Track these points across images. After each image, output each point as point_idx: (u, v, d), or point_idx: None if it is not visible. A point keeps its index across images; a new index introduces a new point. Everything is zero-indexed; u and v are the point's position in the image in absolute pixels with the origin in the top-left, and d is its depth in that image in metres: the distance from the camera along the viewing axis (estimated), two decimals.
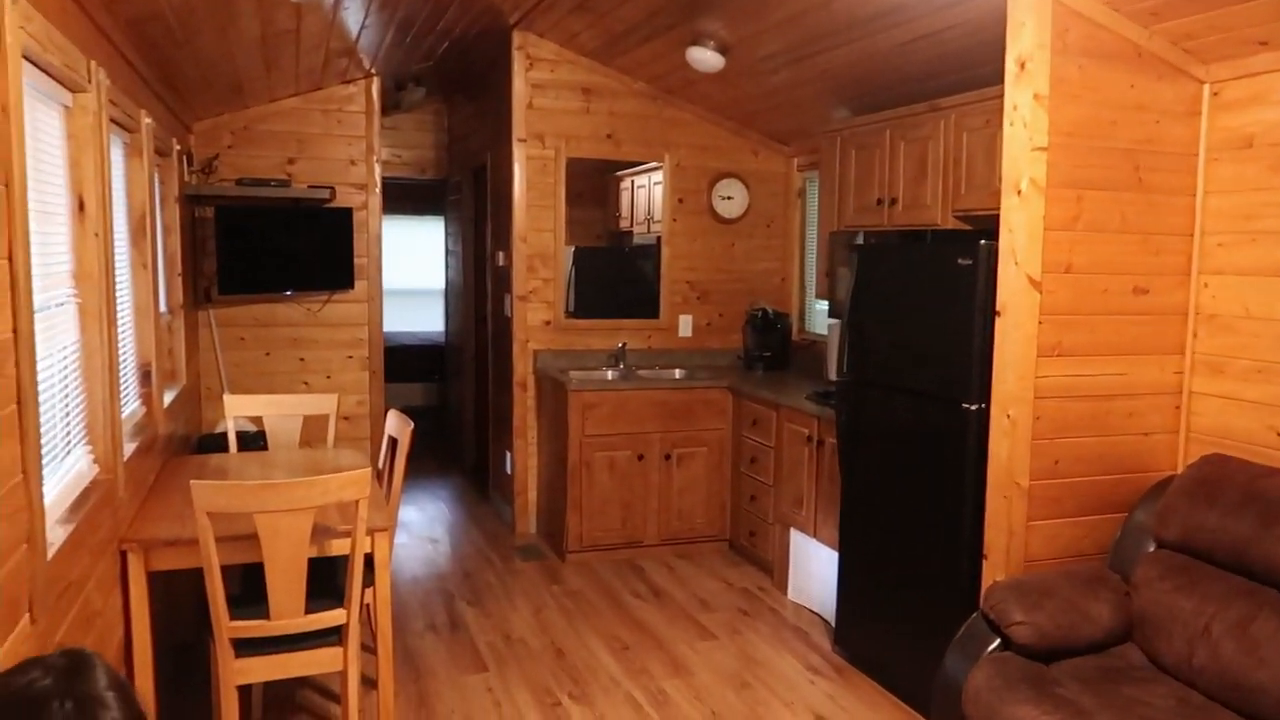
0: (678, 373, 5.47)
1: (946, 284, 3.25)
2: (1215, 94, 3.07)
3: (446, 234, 8.03)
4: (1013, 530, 3.04)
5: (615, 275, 5.85)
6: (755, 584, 4.70)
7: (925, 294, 3.36)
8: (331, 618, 2.84)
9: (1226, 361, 3.09)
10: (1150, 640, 2.79)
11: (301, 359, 5.48)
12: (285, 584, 2.74)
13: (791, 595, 4.48)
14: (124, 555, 2.74)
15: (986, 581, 3.12)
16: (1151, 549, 2.96)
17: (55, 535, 2.20)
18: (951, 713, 2.78)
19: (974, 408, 3.13)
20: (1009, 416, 3.02)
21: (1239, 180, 3.02)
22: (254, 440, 4.41)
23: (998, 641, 2.80)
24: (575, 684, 3.57)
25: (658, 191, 5.63)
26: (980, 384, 3.12)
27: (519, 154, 5.31)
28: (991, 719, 2.58)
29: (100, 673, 1.17)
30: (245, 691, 3.16)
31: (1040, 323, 2.97)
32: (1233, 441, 3.06)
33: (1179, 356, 3.20)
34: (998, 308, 3.03)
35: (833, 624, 3.98)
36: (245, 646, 2.77)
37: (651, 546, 5.08)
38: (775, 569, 4.66)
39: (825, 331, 5.22)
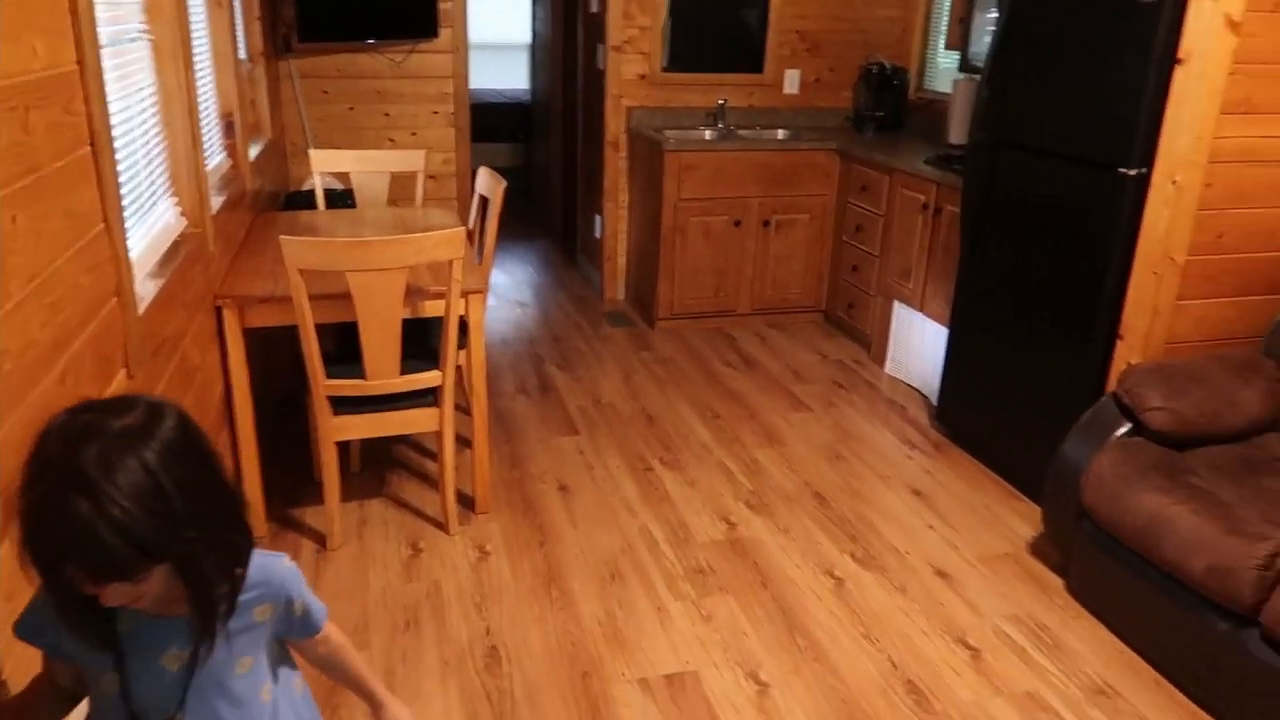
0: (781, 133, 5.07)
1: (1119, 27, 2.78)
2: None
3: None
4: (1158, 310, 2.76)
5: (717, 24, 5.31)
6: (851, 357, 4.54)
7: (1090, 40, 2.89)
8: (427, 379, 2.78)
9: None
10: None
11: (387, 114, 5.23)
12: (380, 344, 2.66)
13: (889, 370, 4.32)
14: (219, 311, 2.68)
15: (1119, 364, 2.88)
16: None
17: (146, 289, 2.12)
18: (1067, 496, 2.65)
19: (1133, 173, 2.76)
20: (1175, 183, 2.65)
21: None
22: (341, 198, 4.28)
23: (1128, 426, 2.61)
24: (666, 450, 3.54)
25: None
26: (1144, 147, 2.73)
27: None
28: (1115, 504, 2.43)
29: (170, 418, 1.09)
30: (344, 446, 3.20)
31: (1231, 73, 2.53)
32: None
33: None
34: (1180, 55, 2.60)
35: (933, 400, 3.83)
36: (342, 405, 2.75)
37: (744, 316, 4.92)
38: (874, 342, 4.48)
39: (948, 89, 4.71)
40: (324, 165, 4.00)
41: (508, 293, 5.49)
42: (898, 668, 2.41)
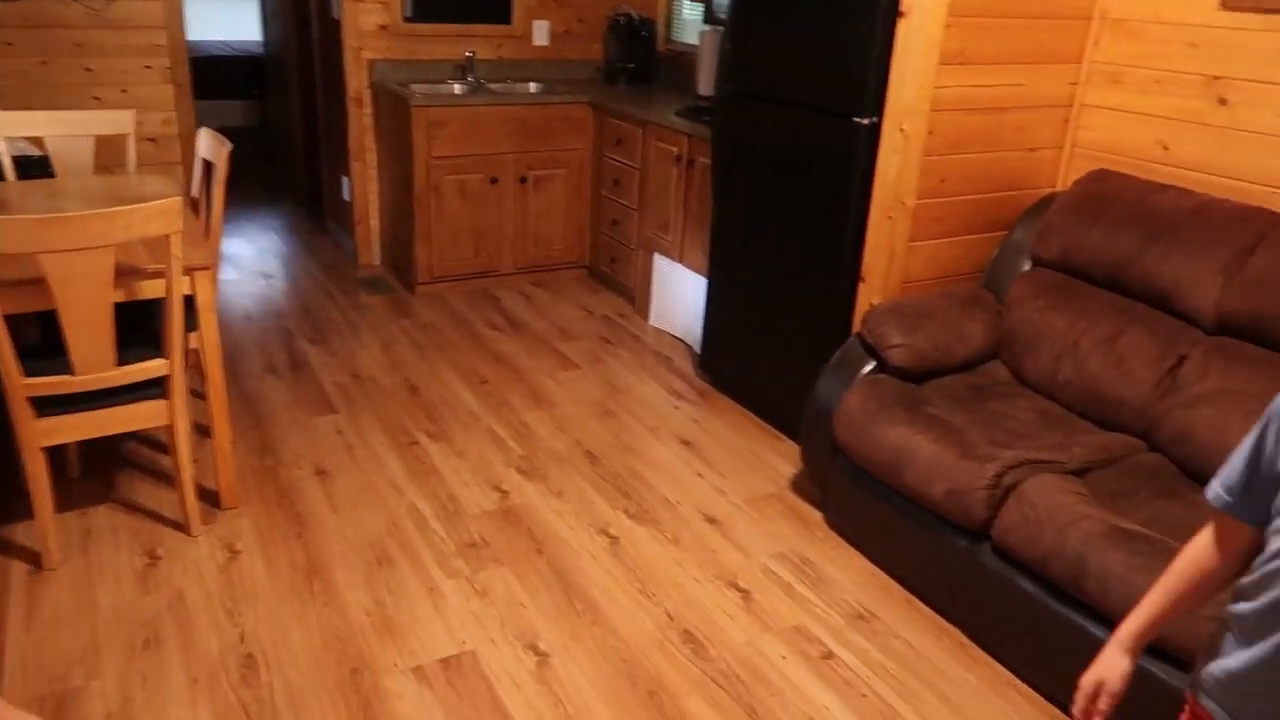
0: (533, 86, 4.95)
1: None
2: None
3: None
4: (894, 252, 2.92)
5: None
6: (616, 311, 4.55)
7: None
8: (149, 369, 2.48)
9: (1125, 71, 2.92)
10: (1017, 357, 2.79)
11: (89, 69, 4.62)
12: (88, 334, 2.34)
13: (653, 321, 4.37)
14: None
15: (863, 305, 3.03)
16: (1027, 268, 2.91)
17: None
18: (822, 434, 2.77)
19: (866, 122, 2.88)
20: (903, 131, 2.79)
21: None
22: (37, 166, 3.74)
23: (873, 364, 2.75)
24: (432, 421, 3.39)
25: None
26: (875, 97, 2.85)
27: None
28: (864, 439, 2.56)
29: None
30: (59, 450, 2.82)
31: (948, 26, 2.68)
32: (1119, 156, 2.96)
33: (1075, 66, 3.00)
34: (902, 8, 2.71)
35: (696, 350, 3.90)
36: (48, 405, 2.40)
37: (507, 275, 4.81)
38: (637, 295, 4.51)
39: (696, 41, 4.76)
40: (12, 129, 3.47)
41: (250, 263, 5.06)
42: (674, 619, 2.43)
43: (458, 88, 4.74)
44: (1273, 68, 2.56)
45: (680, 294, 4.15)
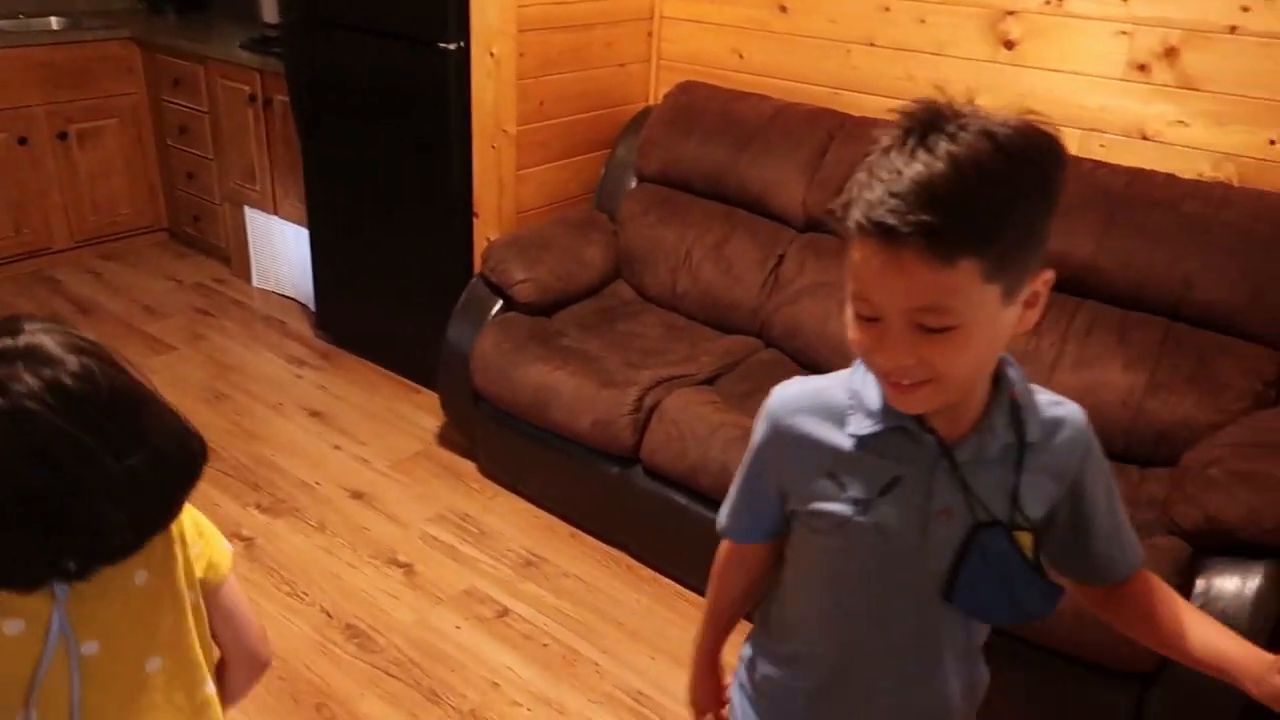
0: (55, 21, 4.12)
1: None
2: None
3: None
4: (503, 183, 2.80)
5: None
6: (212, 276, 4.03)
7: None
8: None
9: None
10: (638, 275, 2.83)
11: None
12: None
13: (258, 283, 3.93)
14: None
15: (479, 239, 2.90)
16: (634, 184, 2.94)
17: None
18: (460, 383, 2.64)
19: (452, 47, 2.69)
20: (492, 55, 2.65)
21: None
22: None
23: (500, 304, 2.65)
24: None
25: None
26: (458, 19, 2.66)
27: None
28: (504, 383, 2.47)
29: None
30: None
31: None
32: (701, 66, 3.05)
33: None
34: None
35: (312, 308, 3.56)
36: None
37: (65, 251, 4.05)
38: (233, 256, 4.01)
39: None
40: None
41: None
42: (333, 616, 2.22)
43: None
44: None
45: (283, 249, 3.75)
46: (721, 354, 2.50)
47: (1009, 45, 2.48)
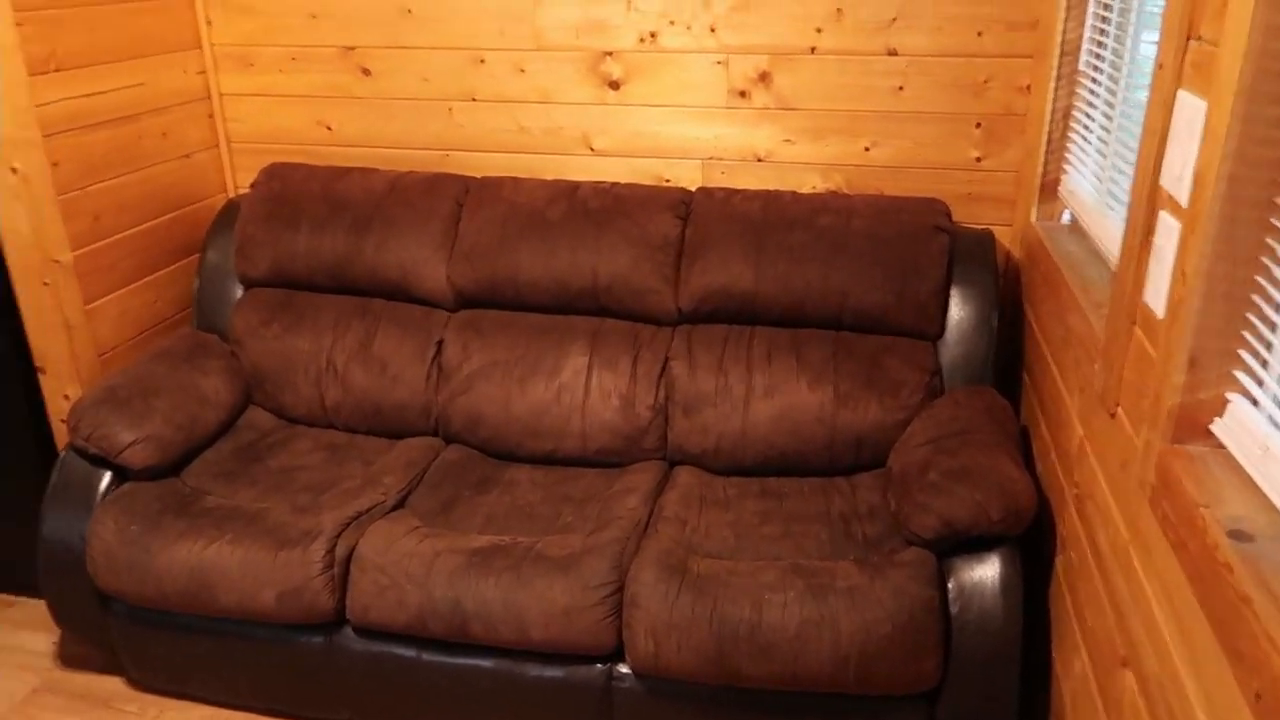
0: None
1: None
2: None
3: None
4: (70, 325, 2.24)
5: None
6: None
7: None
8: None
9: (255, 51, 2.60)
10: (273, 396, 2.42)
11: None
12: None
13: None
14: None
15: (52, 399, 2.30)
16: (241, 293, 2.51)
17: None
18: (75, 586, 2.06)
19: None
20: (15, 170, 2.08)
21: None
22: None
23: (109, 476, 2.10)
24: None
25: None
26: None
27: None
28: (142, 576, 1.96)
29: None
30: None
31: (19, 24, 2.01)
32: (284, 145, 2.68)
33: (198, 52, 2.59)
34: None
35: None
36: None
37: None
38: None
39: None
40: None
41: None
42: None
43: None
44: (395, 31, 2.52)
45: None
46: (402, 466, 2.20)
47: (614, 85, 2.45)
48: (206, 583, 1.93)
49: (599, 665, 1.83)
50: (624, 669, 1.82)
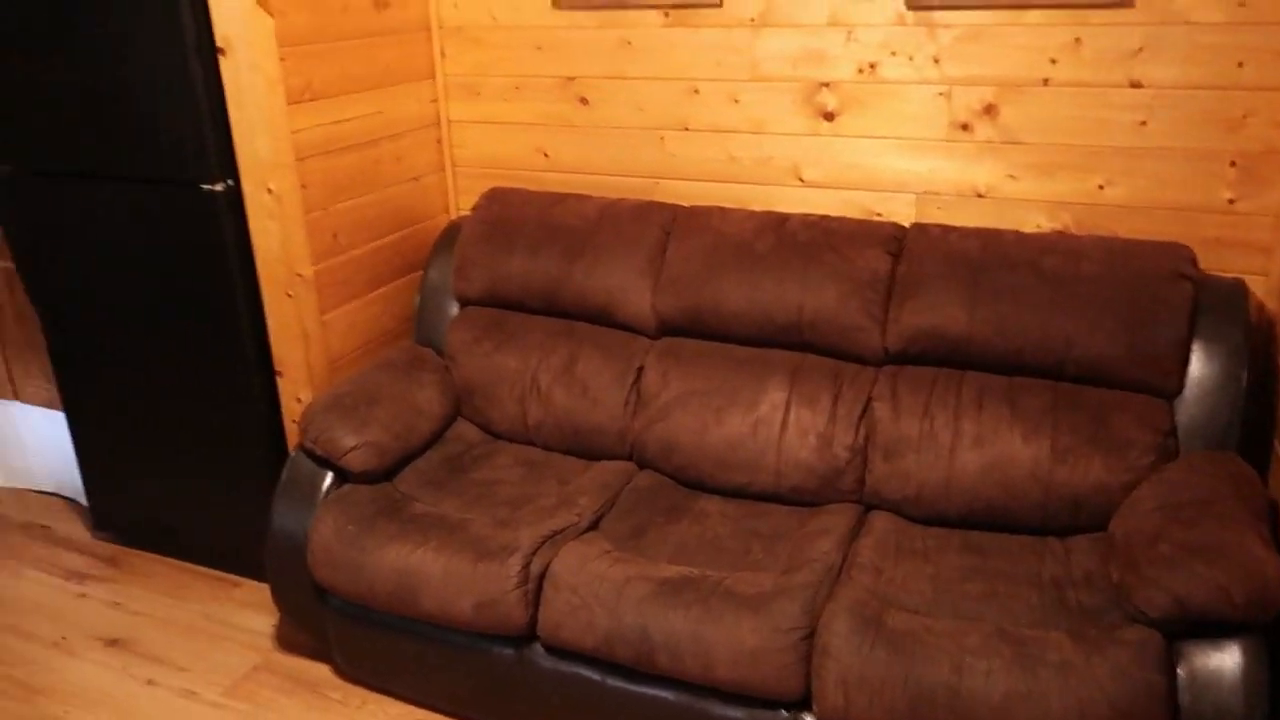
0: None
1: (132, 16, 2.22)
2: None
3: None
4: (307, 334, 2.42)
5: None
6: None
7: (102, 34, 2.27)
8: None
9: (482, 81, 2.75)
10: (481, 410, 2.53)
11: None
12: None
13: (4, 481, 3.26)
14: None
15: (287, 401, 2.50)
16: (456, 310, 2.64)
17: None
18: (296, 576, 2.22)
19: (219, 188, 2.30)
20: (270, 191, 2.28)
21: None
22: None
23: (331, 477, 2.26)
24: None
25: None
26: (221, 154, 2.28)
27: None
28: (356, 575, 2.09)
29: None
30: None
31: (283, 59, 2.21)
32: (503, 170, 2.81)
33: (431, 82, 2.76)
34: (219, 44, 2.17)
35: (84, 502, 2.98)
36: None
37: None
38: None
39: None
40: None
41: None
42: None
43: None
44: (614, 62, 2.58)
45: (31, 439, 3.13)
46: (596, 489, 2.24)
47: (828, 117, 2.40)
48: (411, 586, 2.03)
49: (784, 711, 1.78)
50: (809, 719, 1.76)
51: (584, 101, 2.65)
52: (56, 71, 2.35)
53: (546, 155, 2.75)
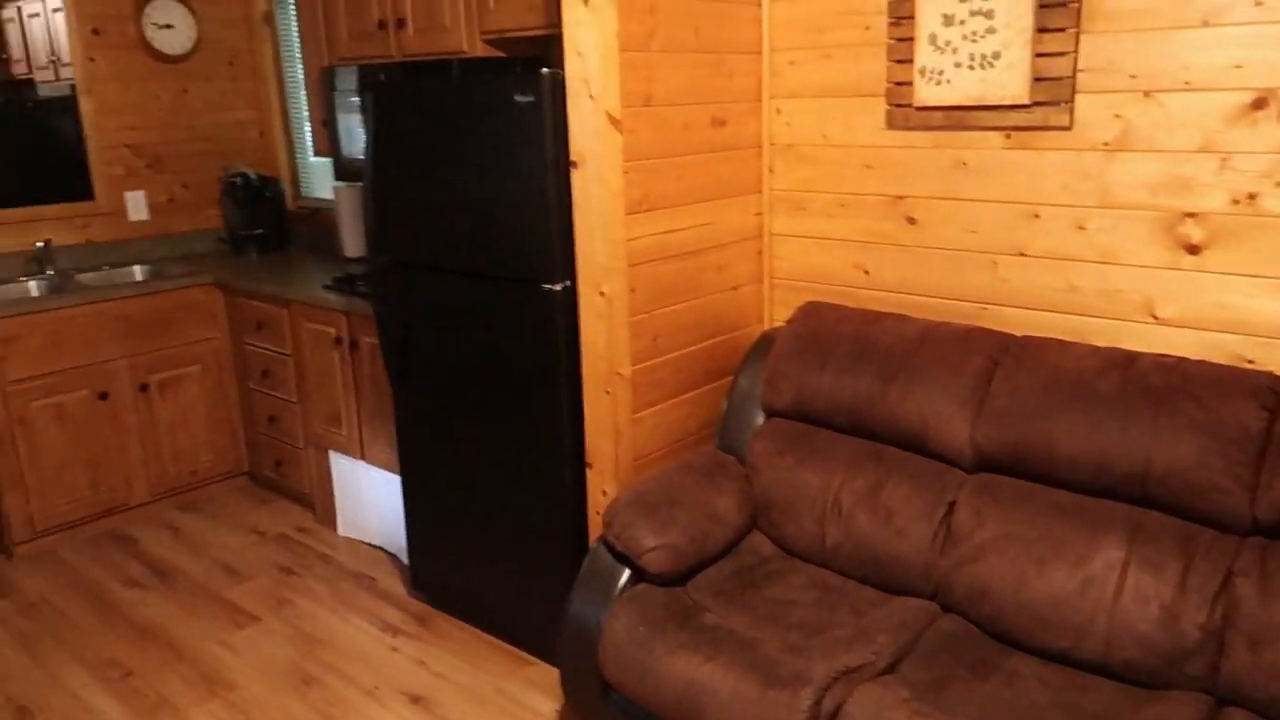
0: (139, 271, 4.09)
1: (502, 131, 2.48)
2: None
3: None
4: (619, 429, 2.52)
5: (15, 144, 4.15)
6: (295, 525, 3.77)
7: (474, 145, 2.56)
8: None
9: (807, 196, 2.78)
10: (778, 525, 2.48)
11: None
12: None
13: (344, 531, 3.66)
14: None
15: (593, 493, 2.59)
16: (762, 420, 2.64)
17: None
18: (584, 665, 2.26)
19: (558, 288, 2.48)
20: (603, 294, 2.42)
21: None
22: None
23: (628, 574, 2.30)
24: None
25: (61, 20, 3.98)
26: (563, 257, 2.47)
27: None
28: (643, 677, 2.09)
29: None
30: None
31: (626, 172, 2.36)
32: (820, 284, 2.81)
33: (757, 196, 2.83)
34: (573, 157, 2.36)
35: (405, 559, 3.26)
36: None
37: (144, 505, 3.85)
38: (318, 502, 3.76)
39: (330, 195, 4.20)
40: None
41: None
42: None
43: (34, 287, 3.78)
44: (947, 182, 2.51)
45: (371, 497, 3.49)
46: (895, 626, 2.11)
47: (1192, 250, 2.17)
48: (696, 700, 2.00)
49: None
50: None
51: (911, 220, 2.60)
52: (439, 180, 2.67)
53: (867, 272, 2.71)
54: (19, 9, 4.08)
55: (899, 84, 2.52)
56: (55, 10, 3.97)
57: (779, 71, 2.74)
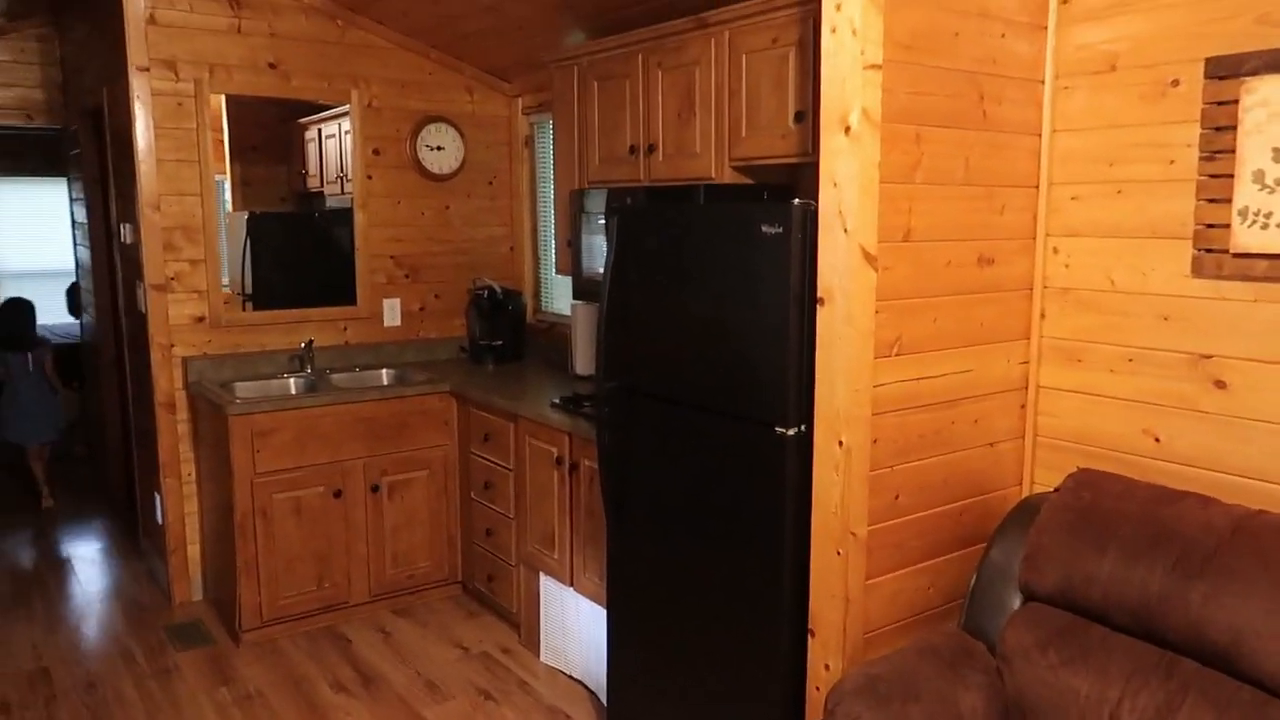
0: (385, 374, 4.28)
1: (746, 261, 2.35)
2: (1064, 0, 2.37)
3: (71, 199, 6.22)
4: (849, 596, 2.23)
5: (300, 250, 4.54)
6: (499, 644, 3.68)
7: (715, 275, 2.44)
8: None
9: (1086, 347, 2.43)
10: None
11: None
12: None
13: (546, 658, 3.52)
14: None
15: (814, 664, 2.30)
16: (1019, 603, 2.26)
17: None
18: None
19: (791, 433, 2.27)
20: (841, 444, 2.18)
21: (1097, 113, 2.34)
22: None
23: None
24: None
25: (349, 141, 4.36)
26: (800, 400, 2.26)
27: (140, 87, 3.83)
28: None
29: None
30: None
31: (878, 312, 2.15)
32: (1096, 448, 2.42)
33: (1025, 343, 2.52)
34: (820, 294, 2.18)
35: (603, 699, 3.06)
36: None
37: (361, 605, 3.91)
38: (523, 624, 3.67)
39: (568, 311, 4.24)
40: None
41: (14, 602, 4.01)
42: None
43: (293, 383, 4.02)
44: (1270, 343, 2.10)
45: (576, 626, 3.35)
46: None
47: None
48: None
49: None
50: None
51: (1220, 384, 2.19)
52: (676, 307, 2.57)
53: (1157, 440, 2.30)
54: (319, 130, 4.51)
55: (1210, 226, 2.16)
56: (348, 133, 4.35)
57: (1058, 207, 2.45)
